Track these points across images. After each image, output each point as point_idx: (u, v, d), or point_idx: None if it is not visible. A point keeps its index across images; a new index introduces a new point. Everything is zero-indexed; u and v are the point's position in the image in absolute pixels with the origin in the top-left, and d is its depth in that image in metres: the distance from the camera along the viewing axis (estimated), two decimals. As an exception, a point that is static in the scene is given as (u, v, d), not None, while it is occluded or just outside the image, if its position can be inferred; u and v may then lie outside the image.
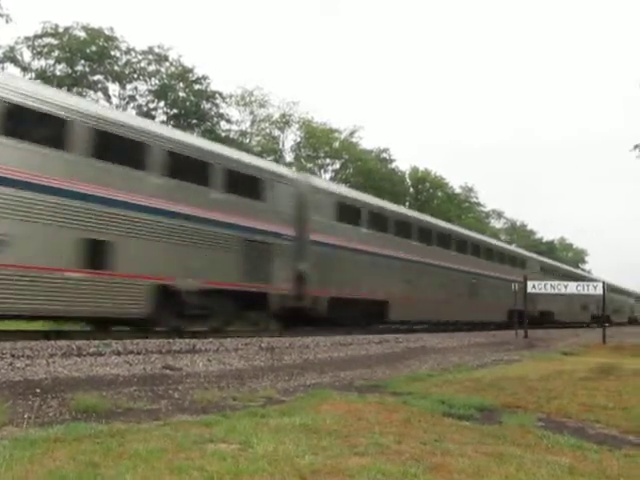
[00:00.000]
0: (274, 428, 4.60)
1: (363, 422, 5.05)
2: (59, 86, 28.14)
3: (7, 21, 26.25)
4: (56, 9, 54.31)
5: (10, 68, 30.82)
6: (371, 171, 45.54)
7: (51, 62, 32.67)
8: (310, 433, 4.47)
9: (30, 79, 28.58)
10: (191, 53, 79.85)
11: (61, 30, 31.89)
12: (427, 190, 55.72)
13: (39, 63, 32.60)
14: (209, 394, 6.33)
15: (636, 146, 22.28)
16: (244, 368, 8.66)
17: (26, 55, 32.15)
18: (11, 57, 31.50)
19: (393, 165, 51.43)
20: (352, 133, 47.41)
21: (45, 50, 32.11)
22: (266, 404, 5.99)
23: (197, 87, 36.80)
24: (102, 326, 12.37)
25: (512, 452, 4.24)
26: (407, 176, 54.59)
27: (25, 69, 31.83)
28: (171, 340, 10.54)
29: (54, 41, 32.01)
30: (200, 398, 6.12)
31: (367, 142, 64.46)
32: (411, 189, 55.20)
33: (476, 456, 4.05)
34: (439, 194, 56.24)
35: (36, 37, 31.61)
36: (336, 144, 46.37)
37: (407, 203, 49.14)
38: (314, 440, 4.24)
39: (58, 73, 32.72)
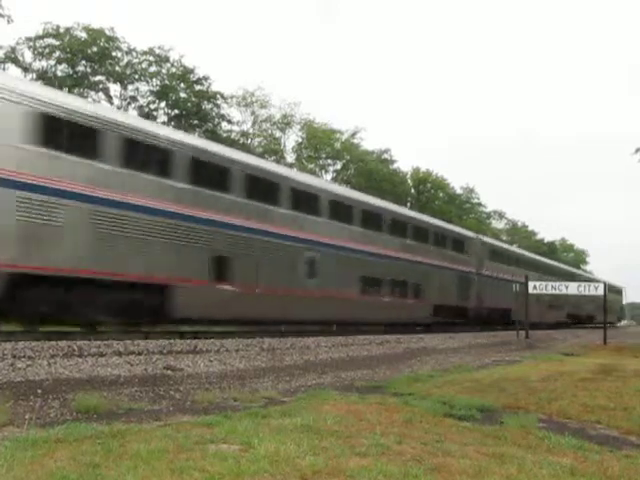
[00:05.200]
0: (275, 429, 4.59)
1: (364, 423, 5.04)
2: (60, 86, 28.15)
3: (8, 22, 26.33)
4: (57, 9, 54.37)
5: (11, 68, 30.92)
6: (372, 172, 45.52)
7: (52, 63, 32.74)
8: (311, 434, 4.46)
9: (31, 79, 28.64)
10: (192, 54, 79.99)
11: (62, 31, 31.93)
12: (428, 191, 55.73)
13: (40, 64, 32.73)
14: (210, 395, 6.33)
15: (637, 149, 22.37)
16: (245, 369, 8.66)
17: (27, 56, 32.30)
18: (12, 58, 31.54)
19: (394, 166, 51.51)
20: (354, 134, 47.43)
21: (46, 51, 32.15)
22: (267, 405, 5.99)
23: (198, 88, 36.77)
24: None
25: (513, 453, 4.23)
26: (408, 177, 54.58)
27: (26, 70, 31.87)
28: (172, 341, 10.53)
29: (55, 42, 32.05)
30: (201, 399, 6.12)
31: (368, 143, 64.52)
32: (412, 190, 55.18)
33: (477, 457, 4.05)
34: (440, 195, 56.25)
35: (37, 38, 31.67)
36: (337, 145, 46.31)
37: (408, 204, 49.11)
38: (315, 441, 4.23)
39: (59, 74, 32.76)
